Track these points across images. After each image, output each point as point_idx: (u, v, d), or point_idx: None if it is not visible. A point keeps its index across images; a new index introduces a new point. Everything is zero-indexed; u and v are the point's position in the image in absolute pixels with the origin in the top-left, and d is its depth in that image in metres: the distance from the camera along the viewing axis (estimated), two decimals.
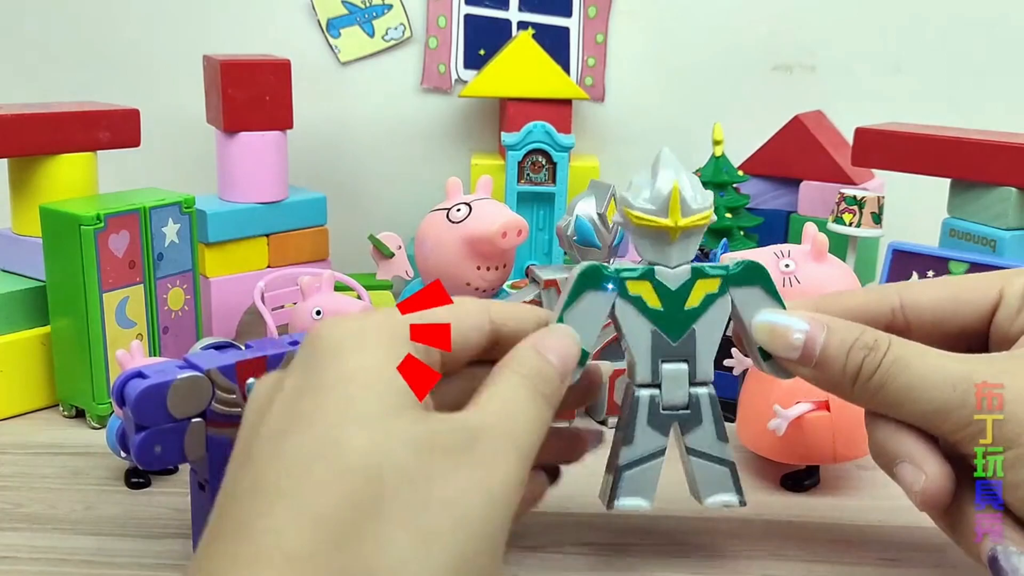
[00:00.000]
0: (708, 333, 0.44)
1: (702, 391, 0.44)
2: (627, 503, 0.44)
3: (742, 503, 0.45)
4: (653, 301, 0.43)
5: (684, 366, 0.44)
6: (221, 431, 0.44)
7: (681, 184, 0.42)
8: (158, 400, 0.41)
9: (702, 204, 0.43)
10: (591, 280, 0.43)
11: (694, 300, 0.43)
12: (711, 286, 0.43)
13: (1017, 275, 0.41)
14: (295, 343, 0.46)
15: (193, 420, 0.42)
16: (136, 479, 0.53)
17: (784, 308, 0.43)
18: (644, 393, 0.44)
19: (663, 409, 0.44)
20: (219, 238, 0.73)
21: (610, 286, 0.43)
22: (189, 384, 0.42)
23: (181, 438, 0.42)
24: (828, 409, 0.53)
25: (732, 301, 0.43)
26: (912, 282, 0.44)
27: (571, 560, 0.47)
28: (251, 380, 0.44)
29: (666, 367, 0.44)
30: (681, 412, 0.44)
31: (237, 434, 0.33)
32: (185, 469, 0.53)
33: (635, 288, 0.43)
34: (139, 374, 0.42)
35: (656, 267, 0.43)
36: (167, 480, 0.53)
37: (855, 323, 0.40)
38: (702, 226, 0.43)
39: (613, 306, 0.43)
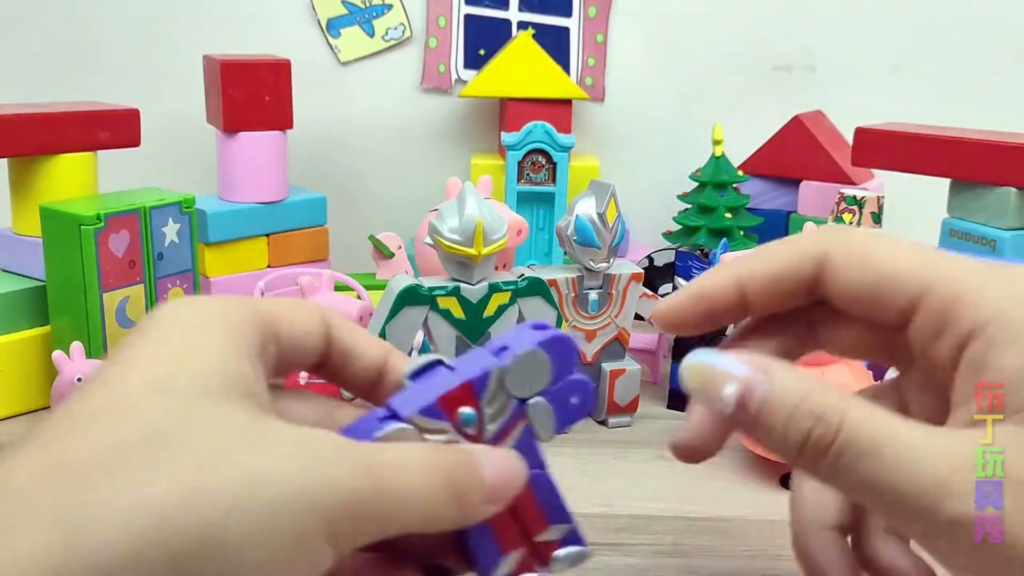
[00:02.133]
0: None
1: None
2: None
3: None
4: (458, 312, 0.53)
5: None
6: None
7: (484, 219, 0.50)
8: None
9: (500, 233, 0.51)
10: (409, 298, 0.52)
11: (490, 310, 0.54)
12: (504, 298, 0.54)
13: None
14: None
15: None
16: None
17: (560, 315, 0.55)
18: None
19: None
20: (219, 238, 0.73)
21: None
22: None
23: None
24: None
25: (519, 309, 0.55)
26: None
27: None
28: None
29: None
30: None
31: None
32: None
33: (444, 303, 0.53)
34: None
35: (461, 284, 0.53)
36: None
37: (801, 372, 0.28)
38: (499, 250, 0.52)
39: (426, 318, 0.52)
